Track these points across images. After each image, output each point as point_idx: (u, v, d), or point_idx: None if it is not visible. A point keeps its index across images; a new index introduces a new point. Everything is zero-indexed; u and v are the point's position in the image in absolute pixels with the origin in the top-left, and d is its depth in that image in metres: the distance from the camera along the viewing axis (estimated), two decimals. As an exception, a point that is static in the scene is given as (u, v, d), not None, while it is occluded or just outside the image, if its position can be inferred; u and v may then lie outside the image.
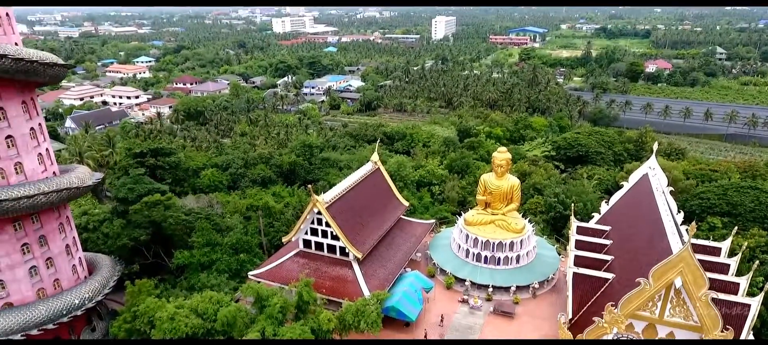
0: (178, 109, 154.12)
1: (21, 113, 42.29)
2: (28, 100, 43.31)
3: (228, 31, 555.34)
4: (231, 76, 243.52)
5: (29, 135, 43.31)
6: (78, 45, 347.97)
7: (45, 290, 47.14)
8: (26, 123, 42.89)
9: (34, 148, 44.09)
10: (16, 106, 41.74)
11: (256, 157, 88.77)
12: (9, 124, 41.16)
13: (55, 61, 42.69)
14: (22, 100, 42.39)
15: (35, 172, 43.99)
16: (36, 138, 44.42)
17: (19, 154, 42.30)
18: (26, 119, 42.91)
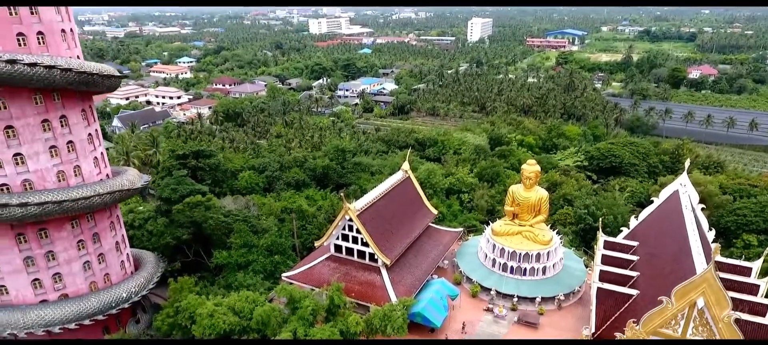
0: (218, 110, 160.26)
1: (81, 120, 46.30)
2: (86, 108, 47.34)
3: (266, 31, 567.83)
4: (268, 78, 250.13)
5: (87, 140, 47.34)
6: (124, 45, 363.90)
7: (96, 283, 51.30)
8: (85, 129, 46.90)
9: (91, 152, 48.11)
10: (77, 114, 45.75)
11: (290, 160, 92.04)
12: (70, 130, 45.17)
13: (112, 73, 46.50)
14: (81, 109, 46.41)
15: (91, 175, 48.02)
16: (92, 143, 48.46)
17: (78, 158, 46.32)
18: (85, 126, 46.92)
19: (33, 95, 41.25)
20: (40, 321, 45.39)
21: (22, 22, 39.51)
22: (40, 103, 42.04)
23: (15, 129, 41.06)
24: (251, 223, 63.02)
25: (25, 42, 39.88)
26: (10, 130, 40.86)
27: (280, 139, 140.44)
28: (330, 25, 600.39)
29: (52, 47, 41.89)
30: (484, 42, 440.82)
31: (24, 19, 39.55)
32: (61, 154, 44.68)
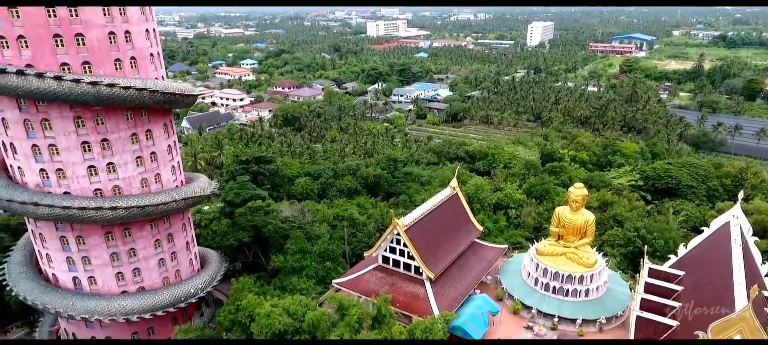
0: (277, 114, 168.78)
1: (162, 134, 52.43)
2: (167, 122, 53.48)
3: (325, 33, 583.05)
4: (325, 81, 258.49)
5: (167, 151, 53.49)
6: (193, 46, 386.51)
7: (168, 279, 57.58)
8: (165, 141, 53.03)
9: (170, 162, 54.26)
10: (160, 128, 51.90)
11: (344, 168, 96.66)
12: (153, 142, 51.32)
13: (191, 93, 52.31)
14: (164, 123, 52.54)
15: (169, 182, 54.17)
16: (171, 153, 54.59)
17: (158, 167, 52.50)
18: (165, 138, 53.04)
19: (125, 112, 47.48)
20: (122, 310, 51.84)
21: (120, 49, 45.66)
22: (130, 119, 48.27)
23: (109, 141, 47.44)
24: (306, 230, 67.78)
25: (120, 66, 46.06)
26: (105, 142, 47.26)
27: (335, 145, 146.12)
28: (387, 28, 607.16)
29: (143, 70, 47.97)
30: (544, 46, 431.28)
31: (120, 47, 45.68)
32: (145, 163, 50.89)
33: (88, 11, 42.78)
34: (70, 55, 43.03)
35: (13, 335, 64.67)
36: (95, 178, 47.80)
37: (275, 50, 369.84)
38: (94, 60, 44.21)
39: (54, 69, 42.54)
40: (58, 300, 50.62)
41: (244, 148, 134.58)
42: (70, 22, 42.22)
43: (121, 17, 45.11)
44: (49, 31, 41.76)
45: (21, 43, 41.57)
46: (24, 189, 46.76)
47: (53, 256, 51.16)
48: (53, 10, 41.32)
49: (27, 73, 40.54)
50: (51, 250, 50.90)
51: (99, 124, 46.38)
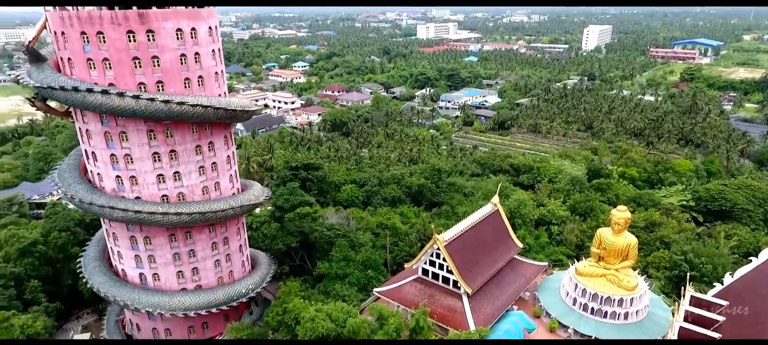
0: (326, 119, 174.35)
1: (223, 145, 57.21)
2: (227, 134, 58.24)
3: (375, 35, 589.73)
4: (373, 85, 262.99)
5: (226, 161, 58.24)
6: (248, 48, 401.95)
7: (223, 278, 62.44)
8: (225, 152, 57.78)
9: (228, 171, 59.01)
10: (221, 140, 56.68)
11: (389, 177, 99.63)
12: (215, 153, 56.11)
13: (250, 108, 56.74)
14: (224, 135, 57.31)
15: (227, 189, 58.93)
16: (229, 163, 59.33)
17: (218, 176, 57.30)
18: (225, 150, 57.79)
19: (191, 126, 52.40)
20: (181, 305, 56.96)
21: (189, 69, 50.51)
22: (195, 132, 53.18)
23: (176, 152, 52.50)
24: (350, 238, 71.24)
25: (189, 85, 50.93)
26: (173, 153, 52.34)
27: (381, 150, 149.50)
28: (438, 30, 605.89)
29: (208, 87, 52.70)
30: (600, 51, 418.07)
31: (190, 67, 50.52)
32: (207, 172, 55.75)
33: (164, 35, 47.78)
34: (147, 75, 48.19)
35: (84, 321, 71.80)
36: (163, 185, 53.00)
37: (326, 53, 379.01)
38: (167, 79, 49.23)
39: (132, 88, 47.80)
40: (126, 293, 56.36)
41: (293, 152, 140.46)
42: (147, 46, 47.35)
43: (192, 40, 49.93)
44: (129, 54, 47.02)
45: (105, 65, 47.05)
46: (102, 193, 52.53)
47: (123, 253, 56.98)
48: (134, 36, 46.51)
49: (110, 92, 45.93)
50: (122, 248, 56.71)
51: (168, 137, 51.48)
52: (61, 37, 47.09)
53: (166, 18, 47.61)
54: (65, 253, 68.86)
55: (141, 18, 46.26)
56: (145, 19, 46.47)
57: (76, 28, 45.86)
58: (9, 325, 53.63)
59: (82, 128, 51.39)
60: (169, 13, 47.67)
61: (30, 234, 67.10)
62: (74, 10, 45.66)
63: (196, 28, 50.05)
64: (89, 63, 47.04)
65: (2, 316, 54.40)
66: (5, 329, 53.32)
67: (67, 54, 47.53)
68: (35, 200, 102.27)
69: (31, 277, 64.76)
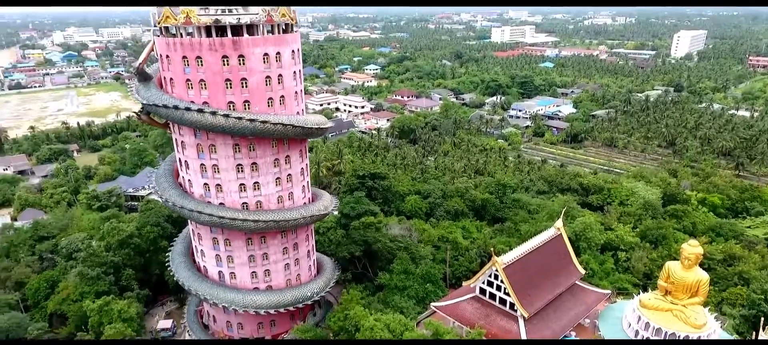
0: (394, 125, 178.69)
1: (298, 158, 62.40)
2: (303, 148, 63.41)
3: (448, 38, 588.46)
4: (443, 91, 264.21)
5: (300, 173, 63.42)
6: (323, 50, 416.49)
7: (291, 281, 67.79)
8: (299, 165, 62.95)
9: (301, 182, 64.17)
10: (296, 154, 61.89)
11: (453, 190, 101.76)
12: (290, 166, 61.36)
13: (325, 125, 61.40)
14: (299, 149, 62.49)
15: (299, 199, 64.13)
16: (303, 174, 64.48)
17: (292, 187, 62.56)
18: (300, 162, 62.97)
19: (271, 142, 57.86)
20: (253, 304, 62.72)
21: (272, 90, 55.83)
22: (274, 146, 58.62)
23: (257, 165, 58.18)
24: (411, 251, 74.46)
25: (272, 103, 56.29)
26: (254, 165, 58.06)
27: (447, 159, 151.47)
28: (513, 34, 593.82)
29: (288, 106, 57.87)
30: (690, 58, 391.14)
31: (274, 88, 55.82)
32: (282, 183, 61.13)
33: (253, 59, 53.35)
34: (236, 95, 54.03)
35: (167, 308, 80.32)
36: (244, 194, 58.91)
37: (398, 56, 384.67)
38: (253, 99, 54.84)
39: (223, 106, 53.79)
40: (206, 289, 63.03)
41: (361, 157, 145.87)
42: (238, 69, 53.11)
43: (276, 63, 55.21)
44: (222, 76, 53.01)
45: (201, 85, 53.37)
46: (191, 198, 59.30)
47: (206, 252, 63.73)
48: (227, 60, 52.43)
49: (204, 110, 52.15)
50: (205, 247, 63.48)
51: (251, 151, 57.24)
52: (166, 59, 53.99)
53: (256, 44, 53.16)
54: (155, 245, 77.49)
55: (235, 45, 52.06)
56: (238, 46, 52.22)
57: (179, 53, 52.45)
58: (109, 308, 61.89)
59: (178, 139, 58.33)
60: (258, 40, 53.21)
61: (127, 227, 76.20)
62: (178, 37, 52.22)
63: (281, 52, 55.29)
64: (188, 83, 53.55)
65: (104, 301, 62.82)
66: (105, 312, 61.60)
67: (170, 74, 54.38)
68: (130, 193, 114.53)
69: (126, 266, 73.75)
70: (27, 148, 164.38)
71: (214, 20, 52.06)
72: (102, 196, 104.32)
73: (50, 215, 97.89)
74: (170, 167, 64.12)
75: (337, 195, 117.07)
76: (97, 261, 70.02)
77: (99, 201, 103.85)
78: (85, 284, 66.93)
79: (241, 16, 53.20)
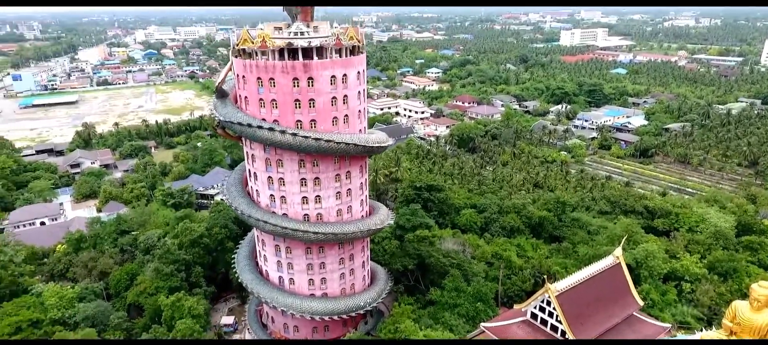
0: (453, 133, 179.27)
1: (358, 174, 65.70)
2: (363, 164, 66.69)
3: (513, 40, 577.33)
4: (505, 97, 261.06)
5: (359, 187, 66.71)
6: (386, 52, 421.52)
7: (345, 290, 71.33)
8: (359, 180, 66.23)
9: (359, 196, 67.46)
10: (356, 169, 65.22)
11: (510, 205, 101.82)
12: (350, 181, 64.74)
13: (385, 143, 64.37)
14: (360, 165, 65.80)
15: (357, 212, 67.46)
16: (361, 189, 67.73)
17: (351, 201, 65.94)
18: (359, 177, 66.25)
19: (334, 158, 61.47)
20: (309, 309, 66.74)
21: (337, 110, 59.33)
22: (336, 162, 62.17)
23: (320, 179, 61.98)
24: (464, 268, 75.95)
25: (336, 122, 59.80)
26: (317, 180, 61.90)
27: (506, 170, 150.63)
28: (584, 36, 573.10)
29: (351, 124, 61.22)
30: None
31: (338, 108, 59.29)
32: (342, 197, 64.64)
33: (321, 81, 57.03)
34: (303, 115, 57.98)
35: (230, 304, 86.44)
36: (306, 206, 62.95)
37: (460, 60, 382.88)
38: (319, 118, 58.59)
39: (291, 124, 57.89)
40: (267, 292, 67.79)
41: (419, 165, 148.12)
42: (307, 90, 56.98)
43: (343, 85, 58.62)
44: (292, 96, 57.06)
45: (273, 105, 57.71)
46: (258, 207, 64.10)
47: (268, 258, 68.51)
48: (297, 82, 56.39)
49: (274, 129, 56.48)
50: (267, 253, 68.25)
51: (314, 166, 61.12)
52: (242, 79, 58.84)
53: (324, 67, 56.84)
54: (222, 245, 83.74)
55: (305, 68, 55.98)
56: (308, 69, 56.10)
57: (254, 74, 57.04)
58: (180, 305, 68.12)
59: (249, 152, 63.24)
60: (327, 63, 56.88)
61: (198, 228, 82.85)
62: (254, 60, 56.82)
63: (347, 74, 58.67)
64: (260, 102, 58.09)
65: (176, 297, 69.15)
66: (177, 308, 67.85)
67: (245, 93, 59.21)
68: (200, 191, 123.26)
69: (196, 264, 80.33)
70: (111, 144, 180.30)
71: (287, 43, 56.34)
72: (176, 194, 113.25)
73: (130, 210, 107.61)
74: (240, 176, 69.37)
75: (394, 202, 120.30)
76: (171, 258, 76.79)
77: (173, 198, 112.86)
78: (159, 279, 73.76)
79: (311, 39, 57.24)
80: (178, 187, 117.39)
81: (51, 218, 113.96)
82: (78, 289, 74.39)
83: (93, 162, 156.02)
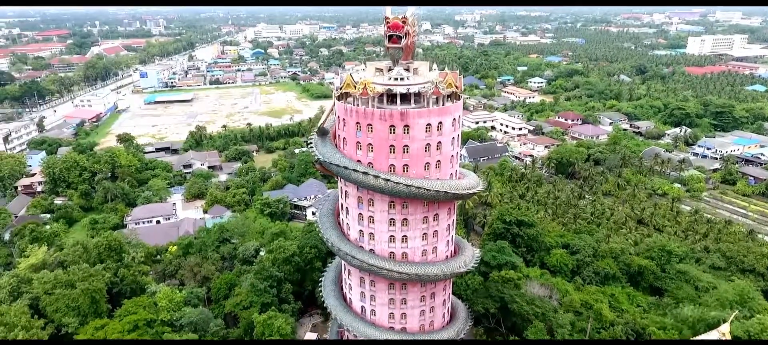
0: (552, 156, 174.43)
1: (446, 216, 68.78)
2: (451, 207, 69.67)
3: (631, 46, 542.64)
4: (615, 115, 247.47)
5: (446, 229, 69.80)
6: (486, 57, 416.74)
7: (424, 326, 74.59)
8: (446, 221, 69.26)
9: (445, 238, 70.51)
10: (445, 212, 68.34)
11: (606, 250, 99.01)
12: (437, 222, 68.00)
13: (476, 189, 66.81)
14: (448, 207, 68.88)
15: (442, 254, 70.60)
16: (448, 230, 70.72)
17: (437, 242, 69.19)
18: (447, 219, 69.26)
19: (423, 201, 65.17)
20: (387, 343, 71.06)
21: (430, 156, 62.80)
22: (425, 205, 65.76)
23: (408, 220, 65.96)
24: (548, 318, 76.09)
25: (427, 168, 63.40)
26: (405, 220, 65.92)
27: (607, 201, 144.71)
28: (716, 44, 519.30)
29: (443, 169, 64.36)
30: None
31: (431, 153, 62.70)
32: (428, 238, 68.13)
33: (417, 129, 60.75)
34: (397, 159, 62.15)
35: (314, 320, 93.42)
36: (392, 245, 67.31)
37: (567, 69, 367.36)
38: (411, 163, 62.49)
39: (385, 168, 62.27)
40: (348, 319, 73.16)
41: (511, 189, 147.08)
42: (402, 137, 61.05)
43: (437, 132, 61.95)
44: (387, 142, 61.42)
45: (369, 148, 62.46)
46: (347, 241, 69.54)
47: (353, 287, 73.84)
48: (394, 129, 60.63)
49: (369, 172, 61.18)
50: (353, 283, 73.60)
51: (404, 208, 65.21)
52: (342, 121, 64.31)
53: (421, 116, 60.54)
54: (311, 264, 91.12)
55: (402, 116, 60.10)
56: (405, 117, 60.14)
57: (354, 119, 62.18)
58: (271, 323, 75.80)
59: (343, 188, 68.79)
60: (423, 112, 60.58)
61: (291, 246, 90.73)
62: (355, 106, 61.95)
63: (443, 122, 61.95)
64: (358, 145, 63.18)
65: (268, 315, 77.01)
66: (268, 326, 75.59)
67: (344, 134, 64.66)
68: (294, 202, 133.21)
69: (286, 280, 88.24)
70: (219, 145, 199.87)
71: (386, 89, 60.98)
72: (272, 204, 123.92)
73: (232, 217, 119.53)
74: (332, 207, 75.43)
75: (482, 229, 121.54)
76: (265, 274, 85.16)
77: (269, 207, 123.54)
78: (254, 294, 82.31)
79: (410, 85, 61.35)
80: (275, 197, 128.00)
81: (165, 217, 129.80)
82: (185, 293, 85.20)
83: (202, 163, 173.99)
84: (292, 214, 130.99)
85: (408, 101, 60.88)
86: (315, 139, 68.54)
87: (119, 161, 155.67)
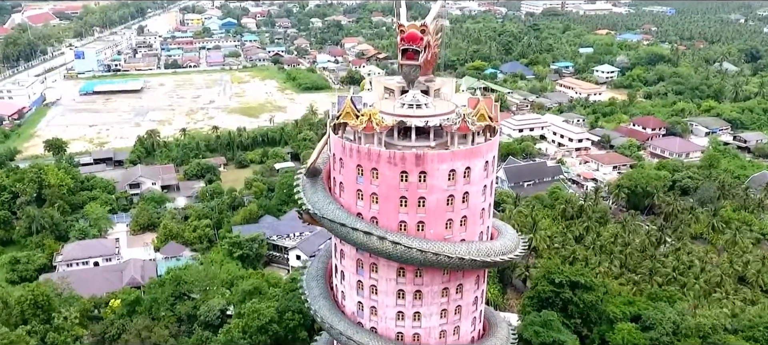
0: (622, 184, 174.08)
1: (472, 287, 70.95)
2: (480, 274, 71.99)
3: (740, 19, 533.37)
4: (713, 122, 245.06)
5: (472, 302, 72.04)
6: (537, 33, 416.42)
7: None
8: (473, 294, 71.40)
9: (472, 313, 72.77)
10: (471, 282, 70.51)
11: (691, 327, 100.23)
12: (461, 296, 70.21)
13: (514, 254, 68.79)
14: (476, 277, 71.20)
15: (466, 335, 72.81)
16: (475, 304, 73.01)
17: (460, 320, 71.33)
18: (474, 291, 71.42)
19: (443, 270, 67.47)
20: None
21: (454, 210, 64.70)
22: (445, 274, 68.08)
23: (421, 293, 68.19)
24: None
25: (450, 225, 65.52)
26: (418, 293, 68.19)
27: (697, 248, 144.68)
28: None
29: (470, 227, 66.34)
30: None
31: (455, 207, 64.63)
32: (449, 315, 70.32)
33: (437, 176, 62.71)
34: (409, 214, 64.30)
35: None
36: (400, 323, 69.65)
37: (647, 55, 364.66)
38: (428, 220, 64.60)
39: (394, 225, 64.47)
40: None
41: (565, 228, 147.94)
42: (417, 186, 63.20)
43: (464, 180, 63.60)
44: (398, 192, 63.59)
45: (373, 199, 64.73)
46: (342, 316, 71.85)
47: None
48: (406, 176, 62.87)
49: (372, 233, 63.15)
50: (351, 369, 76.02)
51: (417, 277, 67.48)
52: (339, 161, 66.77)
53: (442, 160, 62.38)
54: (294, 335, 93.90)
55: (418, 161, 62.15)
56: (421, 162, 62.11)
57: (354, 160, 64.44)
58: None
59: (337, 246, 71.45)
60: (445, 156, 62.50)
61: (267, 311, 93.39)
62: (356, 143, 64.34)
63: (471, 166, 63.94)
64: (358, 193, 65.49)
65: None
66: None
67: (340, 178, 67.07)
68: (273, 241, 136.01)
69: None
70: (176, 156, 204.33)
71: (398, 122, 63.08)
72: (244, 244, 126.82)
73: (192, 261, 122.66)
74: (323, 266, 78.01)
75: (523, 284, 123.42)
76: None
77: (241, 248, 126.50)
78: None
79: (429, 117, 63.25)
80: (248, 234, 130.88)
81: (105, 258, 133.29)
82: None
83: (154, 182, 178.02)
84: (270, 256, 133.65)
85: (426, 135, 63.09)
86: (303, 182, 70.86)
87: (47, 180, 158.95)
